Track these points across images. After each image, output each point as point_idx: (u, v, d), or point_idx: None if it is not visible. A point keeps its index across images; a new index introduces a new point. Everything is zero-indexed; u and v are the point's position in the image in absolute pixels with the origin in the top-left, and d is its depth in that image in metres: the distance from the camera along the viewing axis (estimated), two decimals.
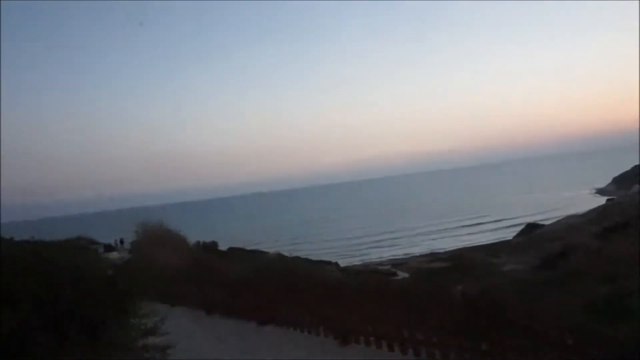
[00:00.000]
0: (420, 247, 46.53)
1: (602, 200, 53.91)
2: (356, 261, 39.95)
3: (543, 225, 40.79)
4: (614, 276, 14.73)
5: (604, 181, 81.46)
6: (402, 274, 28.95)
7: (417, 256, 38.46)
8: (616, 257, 16.10)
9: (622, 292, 13.18)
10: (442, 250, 40.58)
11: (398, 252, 44.55)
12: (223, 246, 31.45)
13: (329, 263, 26.68)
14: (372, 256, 44.45)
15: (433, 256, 36.06)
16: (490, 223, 58.47)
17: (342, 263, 36.04)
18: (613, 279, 14.57)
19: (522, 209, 66.54)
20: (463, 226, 58.69)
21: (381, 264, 36.29)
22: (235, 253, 26.44)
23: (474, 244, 41.67)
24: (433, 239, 52.16)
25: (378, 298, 6.70)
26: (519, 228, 43.28)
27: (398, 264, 34.10)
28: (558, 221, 41.85)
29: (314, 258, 32.06)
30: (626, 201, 41.00)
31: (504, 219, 58.86)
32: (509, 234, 43.60)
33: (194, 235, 25.46)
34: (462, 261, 28.22)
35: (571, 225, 33.06)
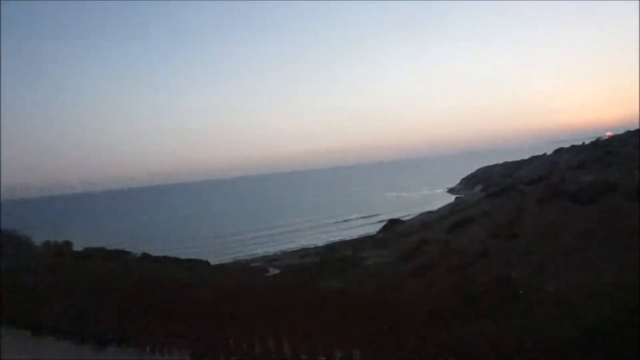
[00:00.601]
0: (294, 244, 47.21)
1: (452, 198, 60.20)
2: (229, 259, 38.96)
3: (403, 221, 43.99)
4: (461, 266, 16.29)
5: (454, 181, 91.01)
6: (273, 270, 28.92)
7: (289, 252, 38.88)
8: (462, 249, 17.80)
9: (467, 280, 14.62)
10: (313, 246, 41.55)
11: (272, 249, 44.63)
12: (81, 247, 28.31)
13: (198, 261, 25.51)
14: (246, 253, 43.87)
15: (305, 252, 36.67)
16: (358, 219, 61.67)
17: (214, 261, 34.92)
18: (460, 269, 16.09)
19: (386, 206, 71.40)
20: (335, 222, 61.09)
21: (254, 260, 35.91)
22: (93, 254, 23.83)
23: (343, 239, 43.43)
24: (307, 235, 53.36)
25: (241, 299, 6.33)
26: (383, 224, 46.14)
27: (271, 260, 34.04)
28: (415, 217, 45.62)
29: (184, 256, 30.53)
30: (470, 199, 46.34)
31: (370, 216, 62.44)
32: (374, 230, 46.29)
33: (44, 235, 22.46)
34: (331, 256, 29.09)
35: (426, 221, 36.15)
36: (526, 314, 7.95)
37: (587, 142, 62.94)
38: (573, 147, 62.64)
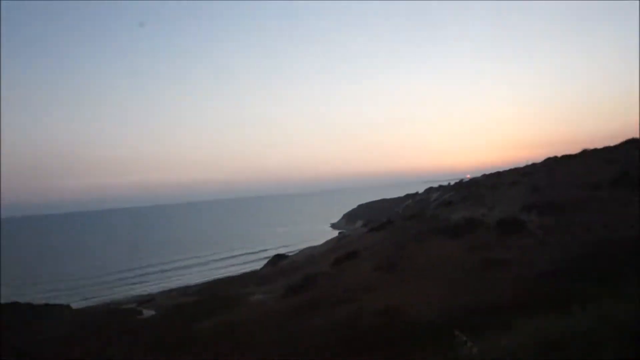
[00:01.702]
0: (175, 282, 43.93)
1: (335, 233, 61.61)
2: (96, 301, 34.81)
3: (288, 256, 43.60)
4: (344, 300, 16.15)
5: (337, 217, 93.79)
6: (148, 312, 26.28)
7: (167, 291, 35.97)
8: (347, 282, 17.75)
9: (356, 314, 14.47)
10: (194, 284, 39.08)
11: (150, 289, 40.89)
12: None
13: (57, 307, 22.17)
14: (120, 294, 39.57)
15: (184, 290, 34.21)
16: (243, 255, 59.82)
17: (79, 304, 30.93)
18: (343, 303, 15.93)
19: (272, 241, 70.59)
20: (218, 259, 58.39)
21: (126, 302, 32.48)
22: None
23: (226, 276, 41.57)
24: (188, 273, 50.09)
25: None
26: (268, 258, 45.26)
27: (144, 301, 31.03)
28: (300, 251, 45.56)
29: (41, 301, 26.50)
30: (352, 233, 47.74)
31: (255, 251, 61.00)
32: (259, 265, 45.14)
33: None
34: (212, 294, 27.38)
35: (311, 255, 36.14)
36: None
37: (452, 182, 69.66)
38: (441, 186, 68.77)
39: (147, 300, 31.42)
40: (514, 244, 16.62)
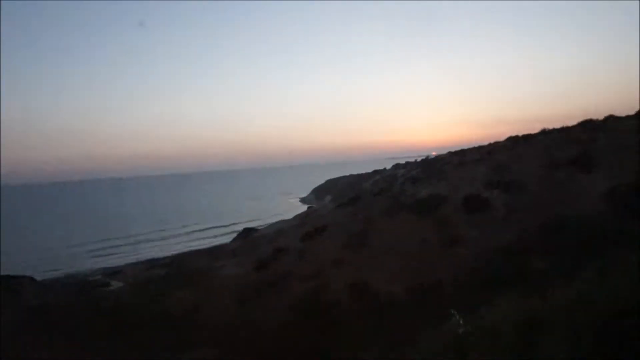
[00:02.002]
0: (141, 255, 43.05)
1: (304, 207, 61.71)
2: (61, 274, 33.84)
3: (258, 229, 43.44)
4: (313, 275, 16.25)
5: (306, 191, 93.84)
6: (116, 284, 25.82)
7: (134, 263, 35.34)
8: (316, 257, 17.85)
9: (317, 289, 14.59)
10: (163, 256, 38.50)
11: (116, 261, 39.97)
12: None
13: (19, 277, 21.44)
14: (85, 266, 38.53)
15: (152, 263, 33.68)
16: (212, 228, 59.20)
17: (43, 276, 30.02)
18: (312, 278, 16.04)
19: (241, 215, 70.12)
20: (188, 232, 57.58)
21: (93, 273, 31.77)
22: None
23: (195, 249, 41.15)
24: (156, 246, 49.19)
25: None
26: (237, 231, 44.96)
27: (112, 273, 30.42)
28: (270, 225, 45.46)
29: (3, 272, 25.50)
30: (321, 208, 47.89)
31: (225, 225, 60.42)
32: (229, 238, 44.82)
33: None
34: (182, 267, 27.08)
35: (280, 229, 36.09)
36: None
37: (418, 159, 70.44)
38: (408, 163, 69.45)
39: (115, 272, 30.81)
40: (478, 220, 17.03)
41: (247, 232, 41.64)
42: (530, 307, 4.93)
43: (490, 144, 45.63)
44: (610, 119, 27.58)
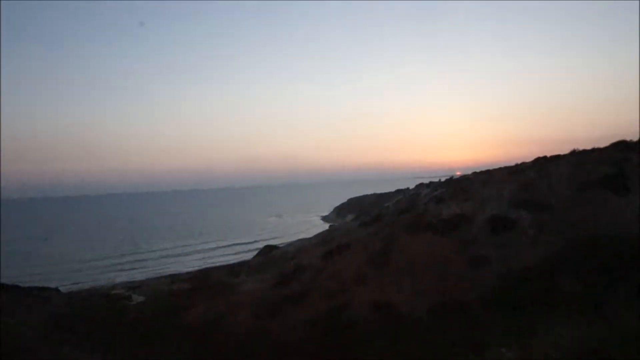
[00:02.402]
0: (163, 269, 43.58)
1: (326, 225, 61.55)
2: (83, 286, 34.42)
3: (279, 246, 43.41)
4: (334, 292, 16.09)
5: (328, 209, 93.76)
6: (137, 297, 26.06)
7: (156, 278, 35.71)
8: (338, 275, 17.68)
9: (343, 305, 14.42)
10: (185, 272, 38.83)
11: (138, 276, 40.54)
12: None
13: (45, 289, 21.88)
14: (106, 280, 39.14)
15: (174, 277, 33.95)
16: (234, 245, 59.50)
17: (67, 289, 30.56)
18: (333, 295, 15.87)
19: (263, 231, 70.40)
20: (208, 249, 57.99)
21: (114, 287, 32.16)
22: None
23: (217, 265, 41.39)
24: (177, 261, 49.72)
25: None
26: (258, 248, 45.06)
27: (134, 287, 30.77)
28: (291, 243, 45.41)
29: (25, 284, 26.08)
30: (343, 227, 47.68)
31: (245, 242, 60.69)
32: (250, 255, 44.95)
33: None
34: (203, 281, 27.22)
35: (302, 247, 36.00)
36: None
37: (442, 179, 69.78)
38: (432, 182, 68.85)
39: (136, 286, 31.15)
40: (504, 241, 16.63)
41: (268, 249, 41.62)
42: (584, 335, 4.68)
43: (517, 165, 44.86)
44: None
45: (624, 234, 14.77)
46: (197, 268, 41.19)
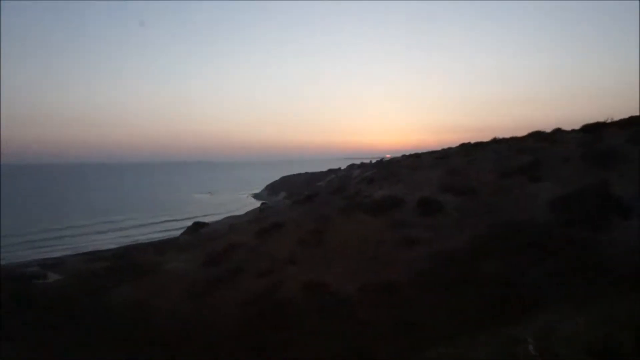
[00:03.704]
0: (83, 246, 41.11)
1: (257, 203, 61.05)
2: None
3: (208, 223, 42.42)
4: (267, 272, 16.02)
5: (260, 187, 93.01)
6: (53, 276, 24.39)
7: (74, 255, 33.58)
8: (270, 254, 17.59)
9: (275, 285, 14.39)
10: (106, 249, 36.87)
11: (55, 253, 37.86)
12: None
13: None
14: (20, 258, 36.20)
15: (94, 255, 32.12)
16: (159, 222, 57.33)
17: None
18: (265, 275, 15.81)
19: (192, 208, 68.45)
20: (132, 225, 55.42)
21: (27, 265, 29.85)
22: None
23: (141, 242, 39.71)
24: (99, 238, 47.08)
25: None
26: (186, 225, 43.78)
27: (50, 265, 28.74)
28: (222, 220, 44.57)
29: None
30: (276, 205, 47.56)
31: (173, 219, 58.72)
32: (177, 233, 43.56)
33: None
34: (126, 260, 25.97)
35: (233, 224, 35.44)
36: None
37: (373, 160, 71.60)
38: (363, 164, 70.43)
39: (53, 263, 29.10)
40: (432, 223, 17.38)
41: (197, 226, 40.57)
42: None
43: (443, 150, 47.01)
44: (558, 132, 29.05)
45: (537, 219, 16.00)
46: (120, 245, 39.26)
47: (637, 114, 25.78)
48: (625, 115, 26.15)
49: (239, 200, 77.82)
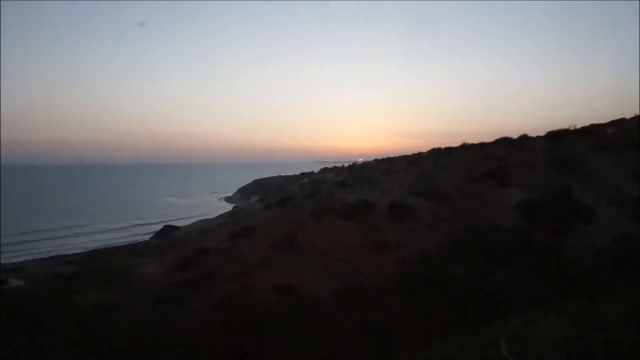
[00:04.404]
0: (48, 251, 39.71)
1: (230, 207, 60.41)
2: None
3: (179, 227, 41.66)
4: (239, 276, 15.80)
5: (232, 190, 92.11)
6: (15, 282, 23.36)
7: (38, 260, 32.31)
8: (242, 258, 17.37)
9: (247, 288, 14.20)
10: (72, 253, 35.67)
11: (18, 257, 36.41)
12: None
13: None
14: None
15: (60, 259, 30.99)
16: (128, 227, 55.97)
17: None
18: (238, 279, 15.59)
19: (162, 212, 67.15)
20: (101, 229, 53.92)
21: None
22: None
23: (110, 246, 38.65)
24: (65, 242, 45.58)
25: None
26: (157, 229, 42.92)
27: (11, 270, 27.53)
28: (193, 224, 43.83)
29: None
30: (248, 209, 47.11)
31: (143, 223, 57.47)
32: (147, 236, 42.65)
33: None
34: (94, 265, 25.16)
35: (204, 228, 34.87)
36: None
37: (345, 164, 71.96)
38: (335, 167, 70.67)
39: (14, 269, 27.89)
40: (404, 227, 17.53)
41: (167, 230, 39.76)
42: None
43: (414, 154, 47.62)
44: (524, 139, 29.83)
45: (504, 223, 16.37)
46: (87, 249, 38.10)
47: (598, 122, 26.82)
48: (587, 123, 27.16)
49: (211, 204, 76.88)
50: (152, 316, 12.11)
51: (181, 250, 24.20)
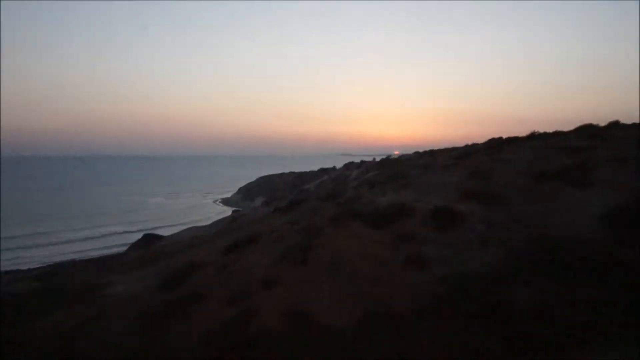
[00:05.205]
0: (8, 263, 40.88)
1: (228, 210, 61.04)
2: None
3: (163, 236, 42.38)
4: (240, 295, 16.00)
5: (232, 190, 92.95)
6: None
7: None
8: (243, 275, 17.54)
9: (248, 314, 14.37)
10: (36, 267, 36.71)
11: None
12: None
13: None
14: None
15: (22, 274, 31.91)
16: (104, 237, 57.02)
17: None
18: (237, 300, 15.78)
19: (143, 216, 68.24)
20: (71, 238, 55.15)
21: None
22: None
23: (80, 258, 39.58)
24: (30, 254, 46.78)
25: None
26: (136, 238, 43.72)
27: None
28: (182, 232, 44.51)
29: None
30: (251, 213, 47.53)
31: (121, 231, 58.51)
32: (124, 247, 43.46)
33: None
34: (58, 281, 25.79)
35: (196, 237, 35.42)
36: None
37: (377, 158, 71.91)
38: (364, 162, 70.75)
39: None
40: (450, 239, 17.45)
41: (148, 239, 40.57)
42: None
43: (466, 146, 47.35)
44: (614, 127, 29.29)
45: (582, 235, 16.11)
46: (54, 262, 39.09)
47: None
48: None
49: (204, 206, 77.81)
50: (126, 346, 12.36)
51: (165, 265, 24.63)
